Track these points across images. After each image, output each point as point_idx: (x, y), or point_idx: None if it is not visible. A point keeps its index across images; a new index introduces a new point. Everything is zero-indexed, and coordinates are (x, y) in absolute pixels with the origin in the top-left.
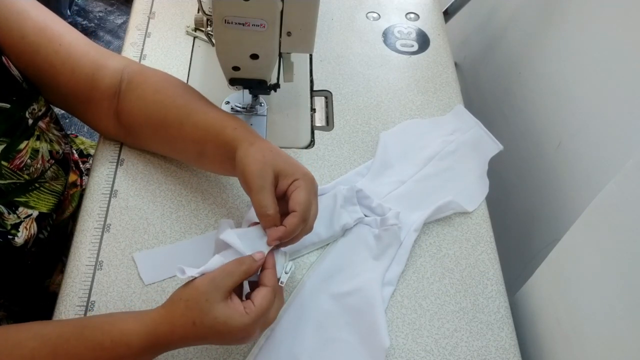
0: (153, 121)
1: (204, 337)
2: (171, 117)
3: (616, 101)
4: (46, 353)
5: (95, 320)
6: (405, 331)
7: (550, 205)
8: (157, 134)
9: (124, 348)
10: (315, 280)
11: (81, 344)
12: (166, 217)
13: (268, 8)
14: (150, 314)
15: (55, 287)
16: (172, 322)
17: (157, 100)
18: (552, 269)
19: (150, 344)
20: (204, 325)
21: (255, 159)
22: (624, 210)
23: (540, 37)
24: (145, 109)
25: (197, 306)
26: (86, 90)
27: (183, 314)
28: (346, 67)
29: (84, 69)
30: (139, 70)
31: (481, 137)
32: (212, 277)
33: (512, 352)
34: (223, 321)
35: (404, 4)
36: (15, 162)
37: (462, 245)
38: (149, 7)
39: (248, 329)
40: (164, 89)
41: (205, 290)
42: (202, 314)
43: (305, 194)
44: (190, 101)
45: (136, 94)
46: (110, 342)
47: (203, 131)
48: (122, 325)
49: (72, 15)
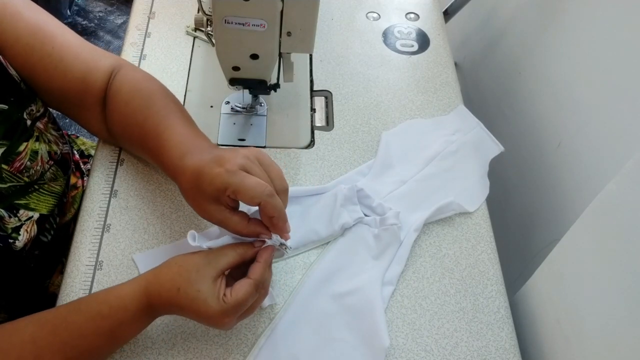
0: (125, 134)
1: (184, 308)
2: (135, 134)
3: (616, 101)
4: (46, 333)
5: (91, 295)
6: (405, 331)
7: (550, 205)
8: (132, 146)
9: (122, 312)
10: (315, 280)
11: (80, 317)
12: (166, 217)
13: (268, 8)
14: (145, 274)
15: (54, 289)
16: (161, 283)
17: (126, 114)
18: (552, 269)
19: (143, 304)
20: (187, 295)
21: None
22: (624, 210)
23: (540, 37)
24: (119, 121)
25: (186, 274)
26: (78, 94)
27: (172, 278)
28: (346, 67)
29: (75, 73)
30: (120, 75)
31: (482, 138)
32: (209, 253)
33: (512, 352)
34: (203, 298)
35: (404, 4)
36: (15, 164)
37: (462, 245)
38: (149, 7)
39: (221, 316)
40: (132, 101)
41: (198, 262)
42: (188, 283)
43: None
44: (147, 118)
45: (112, 105)
46: (108, 309)
47: (155, 161)
48: (118, 290)
49: (72, 15)
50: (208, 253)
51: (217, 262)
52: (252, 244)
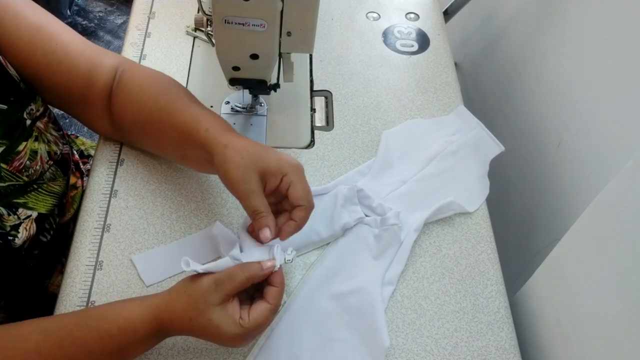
0: (140, 122)
1: (199, 334)
2: (154, 118)
3: (616, 101)
4: (51, 344)
5: (98, 310)
6: (405, 331)
7: (550, 205)
8: (145, 134)
9: (132, 334)
10: (316, 280)
11: (87, 334)
12: (166, 217)
13: (268, 8)
14: (154, 300)
15: (54, 289)
16: (172, 311)
17: (141, 101)
18: (552, 269)
19: (154, 329)
20: (199, 324)
21: (234, 164)
22: (624, 210)
23: (540, 37)
24: (131, 110)
25: (195, 304)
26: (83, 90)
27: (183, 307)
28: (346, 67)
29: (80, 69)
30: (128, 68)
31: (483, 138)
32: (216, 278)
33: (512, 352)
34: (216, 324)
35: (404, 4)
36: (15, 164)
37: (462, 245)
38: (149, 7)
39: (238, 338)
40: (148, 88)
41: (206, 290)
42: (198, 313)
43: (301, 188)
44: (172, 100)
45: (124, 95)
46: (117, 329)
47: (180, 134)
48: (127, 312)
49: (72, 15)
50: (216, 279)
51: (225, 288)
52: (260, 266)
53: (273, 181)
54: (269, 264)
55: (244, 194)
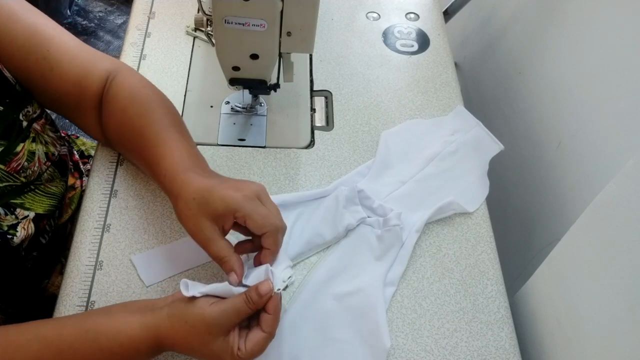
0: (121, 140)
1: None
2: (131, 140)
3: (616, 101)
4: (51, 355)
5: (95, 324)
6: (405, 331)
7: (550, 205)
8: (128, 151)
9: (134, 352)
10: (317, 280)
11: (88, 348)
12: (166, 217)
13: (268, 8)
14: (155, 320)
15: (54, 289)
16: (174, 339)
17: (123, 121)
18: (552, 269)
19: (155, 348)
20: (202, 354)
21: (185, 216)
22: (624, 210)
23: (540, 37)
24: (114, 125)
25: (198, 336)
26: (75, 97)
27: (185, 337)
28: (346, 67)
29: (71, 76)
30: (120, 76)
31: (482, 137)
32: (223, 310)
33: (512, 352)
34: (218, 355)
35: (404, 4)
36: (12, 164)
37: (462, 245)
38: (149, 7)
39: None
40: (131, 105)
41: (212, 324)
42: (202, 345)
43: (258, 216)
44: (149, 123)
45: (110, 107)
46: (118, 347)
47: (148, 168)
48: (127, 329)
49: (72, 15)
50: (222, 311)
51: (230, 321)
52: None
53: (227, 222)
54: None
55: (202, 243)
